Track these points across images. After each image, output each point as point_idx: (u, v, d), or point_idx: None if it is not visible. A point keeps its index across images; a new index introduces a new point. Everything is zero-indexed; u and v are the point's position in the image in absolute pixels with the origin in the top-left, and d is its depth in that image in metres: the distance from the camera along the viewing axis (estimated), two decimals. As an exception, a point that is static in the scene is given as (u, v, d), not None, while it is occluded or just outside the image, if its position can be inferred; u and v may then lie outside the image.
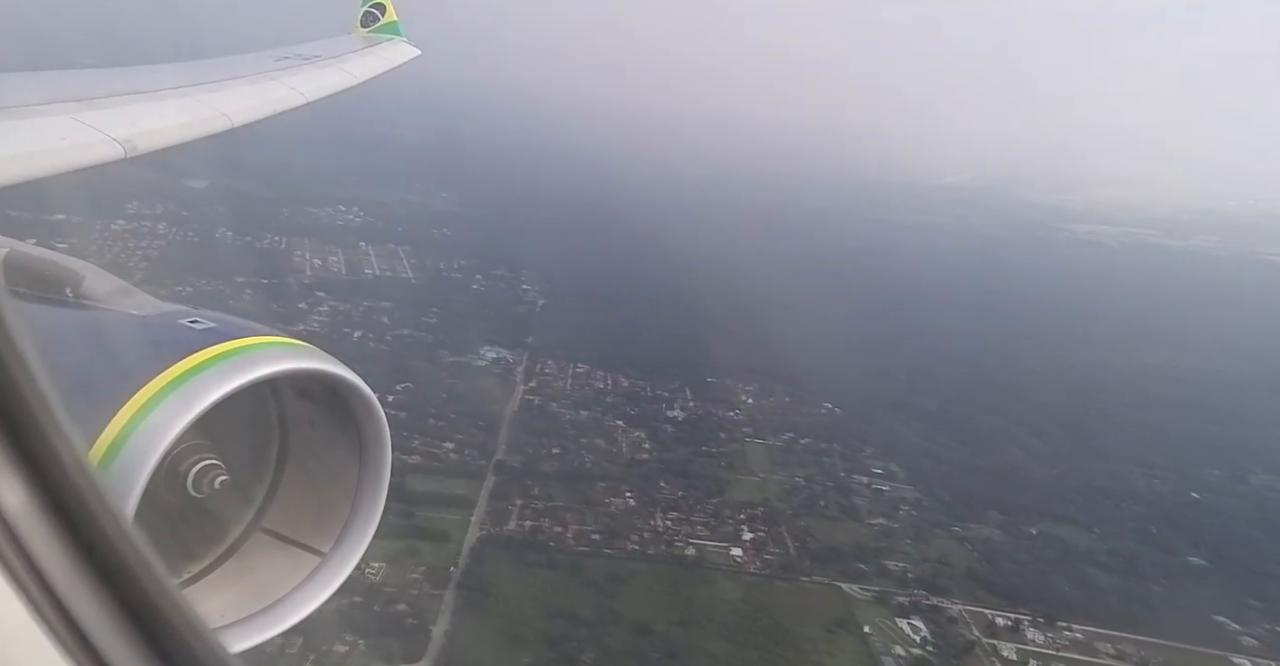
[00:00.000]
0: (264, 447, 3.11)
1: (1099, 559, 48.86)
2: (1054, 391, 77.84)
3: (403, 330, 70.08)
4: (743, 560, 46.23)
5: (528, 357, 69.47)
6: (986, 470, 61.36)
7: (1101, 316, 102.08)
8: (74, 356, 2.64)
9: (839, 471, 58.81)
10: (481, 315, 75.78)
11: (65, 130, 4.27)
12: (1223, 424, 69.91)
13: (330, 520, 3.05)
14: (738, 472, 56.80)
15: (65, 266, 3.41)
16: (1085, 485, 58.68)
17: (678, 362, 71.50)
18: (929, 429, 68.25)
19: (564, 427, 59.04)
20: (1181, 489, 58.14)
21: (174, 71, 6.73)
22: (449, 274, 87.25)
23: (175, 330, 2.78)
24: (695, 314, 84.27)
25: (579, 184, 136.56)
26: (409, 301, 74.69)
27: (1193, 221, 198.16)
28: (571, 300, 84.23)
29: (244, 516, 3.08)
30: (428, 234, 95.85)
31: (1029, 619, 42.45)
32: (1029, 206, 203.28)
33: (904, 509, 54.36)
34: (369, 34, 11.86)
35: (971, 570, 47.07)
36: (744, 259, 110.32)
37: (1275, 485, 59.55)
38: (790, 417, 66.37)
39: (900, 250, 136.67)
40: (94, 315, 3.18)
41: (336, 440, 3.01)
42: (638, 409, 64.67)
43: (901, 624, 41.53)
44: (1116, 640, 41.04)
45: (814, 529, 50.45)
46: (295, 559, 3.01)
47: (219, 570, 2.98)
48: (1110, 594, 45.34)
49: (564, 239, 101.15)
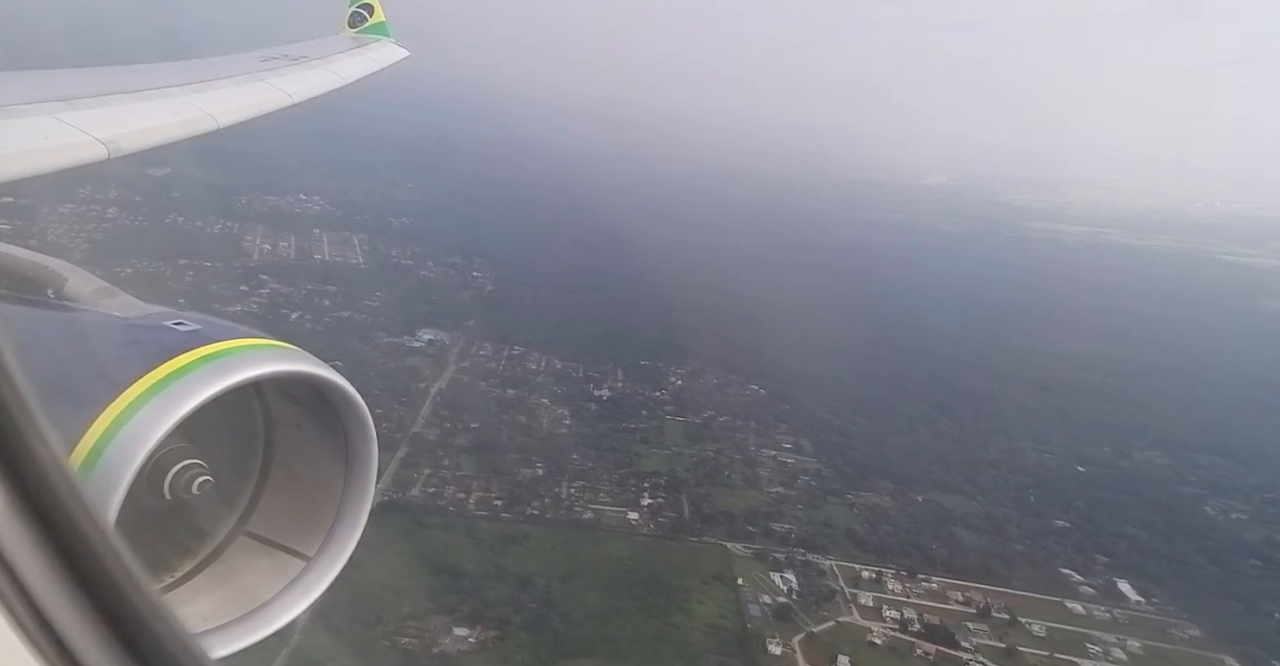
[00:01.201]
0: (249, 451, 3.10)
1: (972, 522, 53.17)
2: (974, 376, 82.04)
3: (343, 312, 72.66)
4: (637, 523, 49.88)
5: (464, 340, 72.24)
6: (892, 446, 65.37)
7: (1038, 308, 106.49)
8: (56, 358, 2.63)
9: (749, 446, 62.48)
10: (426, 300, 78.74)
11: (48, 130, 4.29)
12: (1124, 406, 74.48)
13: (315, 524, 3.05)
14: (651, 446, 60.28)
15: (47, 267, 3.40)
16: (980, 459, 62.93)
17: (616, 347, 74.97)
18: (847, 409, 72.06)
19: (488, 404, 62.21)
20: (1069, 463, 62.58)
21: (159, 71, 6.79)
22: (400, 261, 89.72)
23: (159, 332, 2.78)
24: (644, 303, 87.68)
25: (552, 179, 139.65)
26: (354, 286, 77.81)
27: (1157, 222, 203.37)
28: (521, 288, 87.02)
29: (228, 520, 3.06)
30: (386, 223, 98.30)
31: (893, 572, 46.64)
32: (1001, 206, 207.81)
33: (803, 479, 58.20)
34: (357, 34, 12.01)
35: (851, 531, 51.16)
36: (703, 252, 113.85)
37: (1157, 460, 64.16)
38: (714, 398, 69.86)
39: (860, 246, 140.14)
40: (76, 317, 3.16)
41: (322, 443, 3.01)
42: (565, 388, 67.84)
43: (774, 577, 45.43)
44: (967, 589, 45.44)
45: (712, 496, 54.23)
46: (279, 563, 3.00)
47: (202, 574, 2.97)
48: (974, 551, 49.71)
49: (526, 231, 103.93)
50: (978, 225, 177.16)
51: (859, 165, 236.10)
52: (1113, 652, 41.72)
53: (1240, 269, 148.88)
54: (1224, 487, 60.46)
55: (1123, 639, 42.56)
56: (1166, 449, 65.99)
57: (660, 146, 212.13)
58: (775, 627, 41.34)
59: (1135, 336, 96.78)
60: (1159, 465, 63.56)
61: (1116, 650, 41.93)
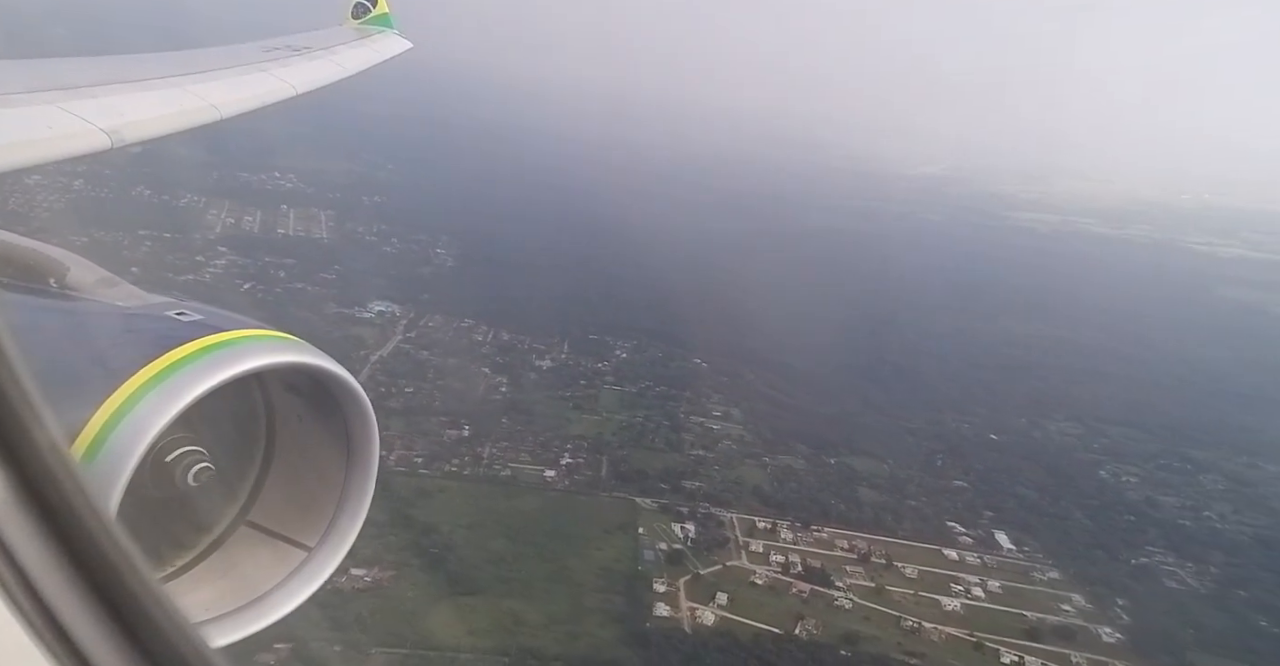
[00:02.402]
0: (250, 441, 3.12)
1: (876, 481, 56.97)
2: (916, 353, 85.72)
3: (297, 284, 75.17)
4: (553, 480, 53.09)
5: (415, 312, 74.75)
6: (819, 416, 68.91)
7: (992, 292, 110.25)
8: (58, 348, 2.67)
9: (680, 413, 65.74)
10: (384, 274, 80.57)
11: (51, 120, 4.33)
12: (1052, 382, 78.35)
13: (316, 514, 3.09)
14: (583, 412, 63.59)
15: (50, 256, 3.45)
16: (901, 428, 66.61)
17: (569, 323, 77.93)
18: (784, 383, 75.58)
19: (426, 371, 65.23)
20: (984, 432, 66.35)
21: (162, 61, 6.90)
22: (365, 237, 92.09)
23: (161, 322, 2.81)
24: (605, 282, 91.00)
25: (535, 164, 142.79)
26: (313, 259, 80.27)
27: (1137, 212, 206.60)
28: (483, 265, 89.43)
29: (229, 510, 3.09)
30: (357, 201, 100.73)
31: (788, 523, 50.41)
32: (985, 195, 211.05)
33: (725, 443, 61.73)
34: (360, 26, 12.24)
35: (758, 489, 54.81)
36: (672, 235, 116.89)
37: (1069, 430, 68.07)
38: (655, 370, 73.07)
39: (832, 231, 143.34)
40: (79, 306, 3.21)
41: (323, 434, 3.06)
42: (508, 358, 70.83)
43: (675, 527, 49.02)
44: (854, 538, 49.26)
45: (633, 457, 57.57)
46: (281, 553, 3.04)
47: (203, 564, 2.99)
48: (870, 506, 53.53)
49: (500, 212, 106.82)
50: (958, 213, 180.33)
51: (854, 155, 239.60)
52: (972, 591, 45.72)
53: (1207, 258, 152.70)
54: (1124, 454, 64.47)
55: (984, 580, 46.63)
56: (1081, 421, 69.85)
57: (651, 133, 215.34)
58: (665, 570, 44.96)
59: (1082, 319, 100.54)
60: (1069, 434, 67.44)
61: (977, 589, 45.94)
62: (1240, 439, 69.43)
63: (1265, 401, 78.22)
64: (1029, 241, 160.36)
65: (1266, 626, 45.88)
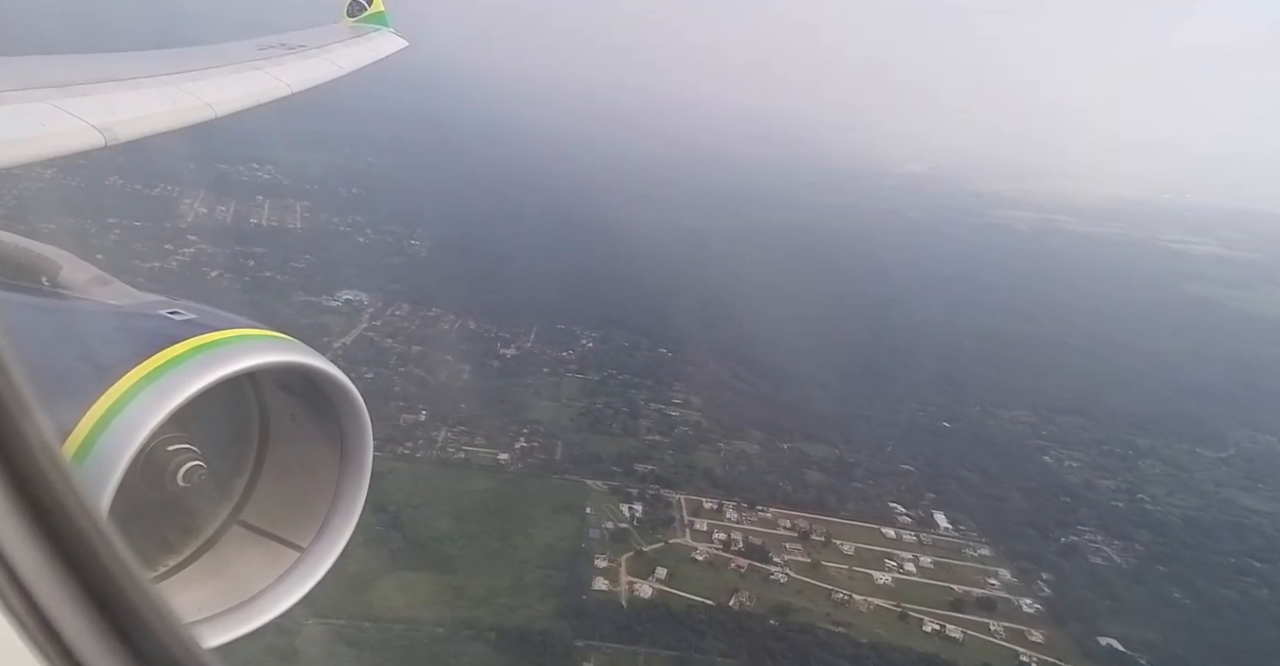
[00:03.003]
0: (243, 441, 3.15)
1: (825, 465, 58.83)
2: (878, 345, 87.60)
3: (266, 273, 76.21)
4: (506, 462, 54.44)
5: (383, 301, 75.81)
6: (778, 403, 70.62)
7: (963, 287, 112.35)
8: (50, 347, 2.67)
9: (640, 400, 67.16)
10: (355, 263, 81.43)
11: (44, 117, 4.35)
12: (1010, 373, 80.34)
13: (309, 514, 3.11)
14: (543, 399, 64.96)
15: (42, 254, 3.46)
16: (857, 415, 68.42)
17: (538, 313, 78.97)
18: (748, 372, 77.31)
19: (388, 358, 66.29)
20: (938, 419, 68.30)
21: (156, 59, 6.90)
22: (339, 227, 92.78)
23: (154, 321, 2.83)
24: (579, 275, 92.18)
25: (520, 159, 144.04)
26: (284, 249, 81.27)
27: (1116, 210, 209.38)
28: (457, 256, 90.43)
29: (222, 510, 3.11)
30: (335, 192, 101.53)
31: (734, 504, 52.18)
32: (967, 193, 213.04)
33: (682, 429, 63.26)
34: (356, 23, 12.24)
35: (709, 471, 56.49)
36: (649, 230, 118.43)
37: (1021, 418, 70.13)
38: (619, 359, 74.43)
39: (809, 227, 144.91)
40: (71, 305, 3.21)
41: (316, 434, 3.07)
42: (472, 346, 71.68)
43: (623, 508, 50.70)
44: (797, 518, 51.10)
45: (588, 442, 59.04)
46: (273, 553, 3.06)
47: (195, 564, 3.01)
48: (816, 488, 55.39)
49: (480, 205, 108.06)
50: (937, 211, 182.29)
51: (842, 154, 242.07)
52: (905, 567, 47.77)
53: (1179, 256, 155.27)
54: (1070, 441, 66.64)
55: (918, 557, 48.63)
56: (1034, 410, 71.89)
57: (636, 132, 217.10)
58: (609, 547, 46.60)
59: (1046, 313, 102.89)
60: (1020, 422, 69.48)
61: (909, 565, 47.98)
62: (1185, 428, 71.72)
63: (1214, 392, 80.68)
64: (1005, 238, 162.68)
65: (1179, 597, 48.31)
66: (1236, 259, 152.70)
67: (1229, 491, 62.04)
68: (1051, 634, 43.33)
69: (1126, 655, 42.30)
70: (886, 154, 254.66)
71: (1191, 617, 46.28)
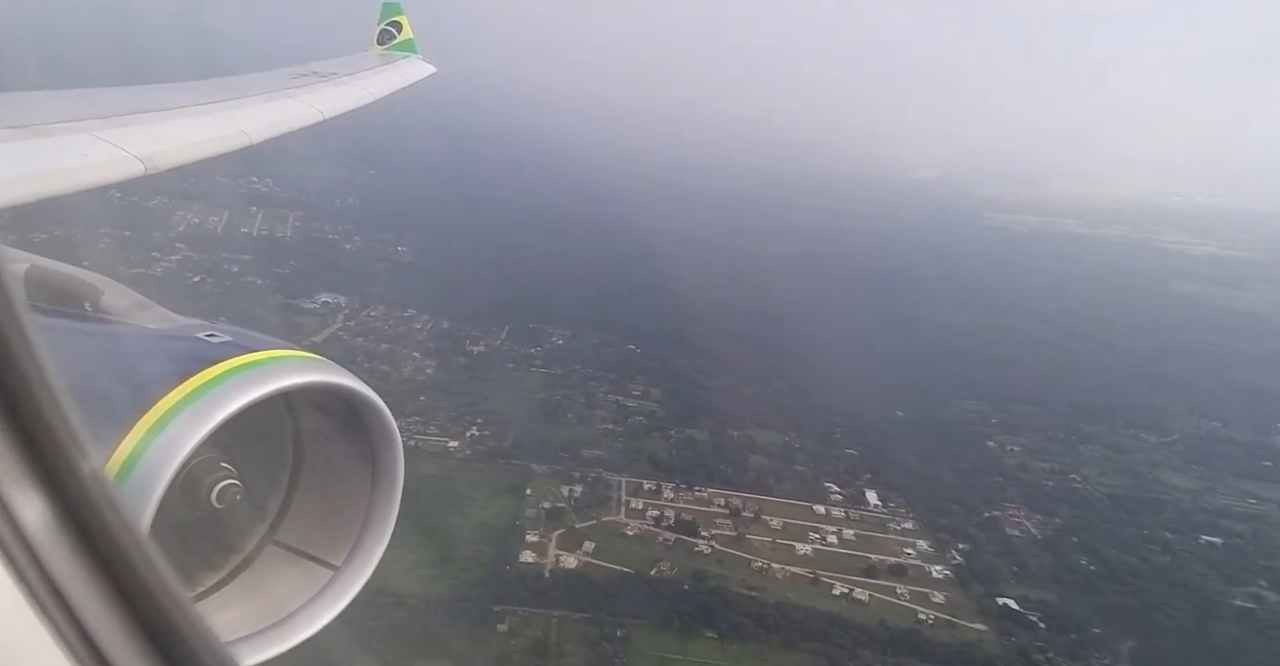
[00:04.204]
0: (278, 461, 3.25)
1: (770, 450, 60.98)
2: (847, 340, 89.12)
3: (248, 278, 79.27)
4: (455, 449, 56.72)
5: (360, 303, 78.68)
6: (737, 395, 72.45)
7: (943, 286, 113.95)
8: (92, 370, 2.76)
9: (599, 393, 69.58)
10: (338, 269, 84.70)
11: (87, 147, 4.54)
12: (973, 365, 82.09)
13: (343, 533, 3.21)
14: (503, 392, 67.28)
15: (85, 281, 3.59)
16: (812, 406, 70.37)
17: (513, 313, 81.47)
18: (714, 367, 79.26)
19: (355, 355, 68.69)
20: (891, 409, 70.23)
21: (194, 89, 7.27)
22: (328, 236, 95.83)
23: (192, 344, 2.94)
24: (563, 276, 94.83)
25: (524, 168, 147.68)
26: (270, 255, 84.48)
27: (1121, 213, 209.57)
28: (443, 261, 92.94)
29: (258, 529, 3.20)
30: (329, 203, 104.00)
31: (673, 486, 54.59)
32: (971, 198, 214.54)
33: (636, 418, 65.50)
34: (385, 51, 12.69)
35: (655, 457, 58.81)
36: (643, 234, 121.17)
37: (973, 407, 71.84)
38: (586, 354, 76.55)
39: (801, 232, 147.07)
40: (113, 329, 3.33)
41: (349, 454, 3.17)
42: (442, 344, 74.04)
43: (563, 489, 53.09)
44: (732, 497, 53.41)
45: (540, 431, 61.13)
46: (308, 572, 3.15)
47: (232, 584, 3.10)
48: (756, 470, 57.54)
49: (477, 214, 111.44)
50: (938, 215, 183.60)
51: (855, 159, 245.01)
52: (827, 539, 50.05)
53: (1175, 255, 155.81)
54: (1017, 428, 68.34)
55: (841, 530, 50.90)
56: (988, 400, 73.66)
57: (651, 141, 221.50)
58: (542, 525, 49.09)
59: (1025, 310, 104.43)
60: (971, 411, 71.26)
61: (832, 537, 50.26)
62: (1134, 415, 73.24)
63: (1172, 383, 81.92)
64: (1001, 241, 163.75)
65: (1084, 564, 50.47)
66: (1232, 258, 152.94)
67: (1161, 472, 63.76)
68: (953, 596, 45.75)
69: (1020, 612, 44.83)
70: (898, 160, 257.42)
71: (1090, 581, 48.57)
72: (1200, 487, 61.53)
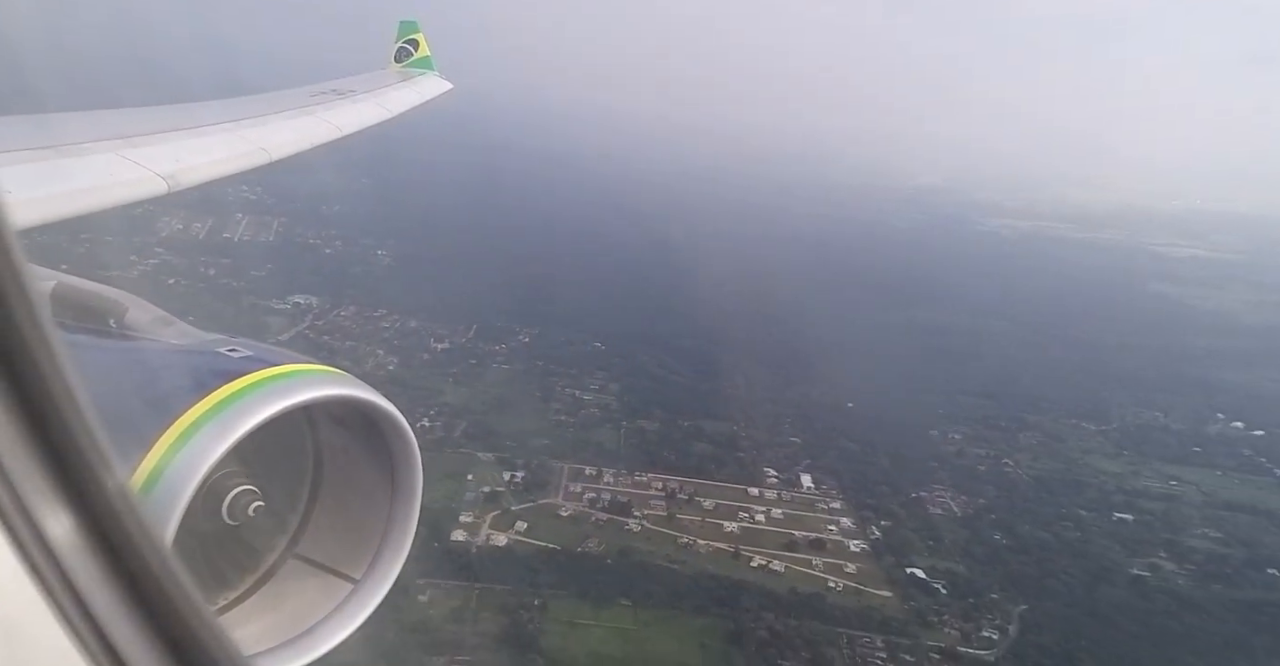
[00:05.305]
0: (299, 474, 3.31)
1: (716, 439, 63.09)
2: (813, 340, 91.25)
3: (224, 280, 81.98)
4: None
5: (331, 304, 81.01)
6: (695, 389, 74.57)
7: (918, 288, 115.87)
8: (117, 386, 2.81)
9: (557, 386, 71.46)
10: (315, 272, 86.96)
11: (112, 166, 4.68)
12: (935, 362, 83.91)
13: (362, 546, 3.25)
14: (460, 385, 69.17)
15: (109, 298, 3.67)
16: (766, 398, 72.44)
17: (484, 314, 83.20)
18: (678, 364, 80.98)
19: (318, 352, 71.28)
20: (842, 401, 72.30)
21: (215, 108, 7.53)
22: (310, 241, 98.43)
23: (214, 358, 3.00)
24: (541, 278, 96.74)
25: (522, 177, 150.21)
26: (249, 259, 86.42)
27: (1116, 217, 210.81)
28: (422, 265, 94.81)
29: (279, 543, 3.27)
30: (315, 210, 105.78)
31: (614, 471, 56.83)
32: (968, 204, 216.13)
33: (590, 410, 67.38)
34: (403, 69, 13.02)
35: (601, 445, 61.03)
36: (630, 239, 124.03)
37: (924, 399, 73.67)
38: (550, 351, 78.43)
39: (787, 236, 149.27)
40: (136, 345, 3.40)
41: (368, 467, 3.24)
42: (407, 342, 76.18)
43: (505, 474, 55.18)
44: (670, 481, 55.67)
45: (492, 422, 62.74)
46: (328, 585, 3.21)
47: (254, 597, 3.16)
48: (698, 457, 59.76)
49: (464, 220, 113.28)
50: (931, 221, 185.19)
51: (862, 167, 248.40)
52: (755, 518, 52.30)
53: (1160, 258, 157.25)
54: (962, 418, 70.53)
55: (770, 510, 53.23)
56: (940, 392, 75.58)
57: (655, 150, 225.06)
58: (479, 507, 51.20)
59: (995, 310, 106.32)
60: (921, 403, 73.10)
61: (760, 516, 52.52)
62: (1078, 406, 75.21)
63: (1123, 377, 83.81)
64: (990, 245, 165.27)
65: (997, 538, 52.86)
66: (1217, 261, 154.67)
67: (1092, 457, 65.86)
68: (866, 567, 48.11)
69: (925, 581, 47.37)
70: (903, 166, 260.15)
71: (999, 553, 50.96)
72: (1126, 471, 63.80)
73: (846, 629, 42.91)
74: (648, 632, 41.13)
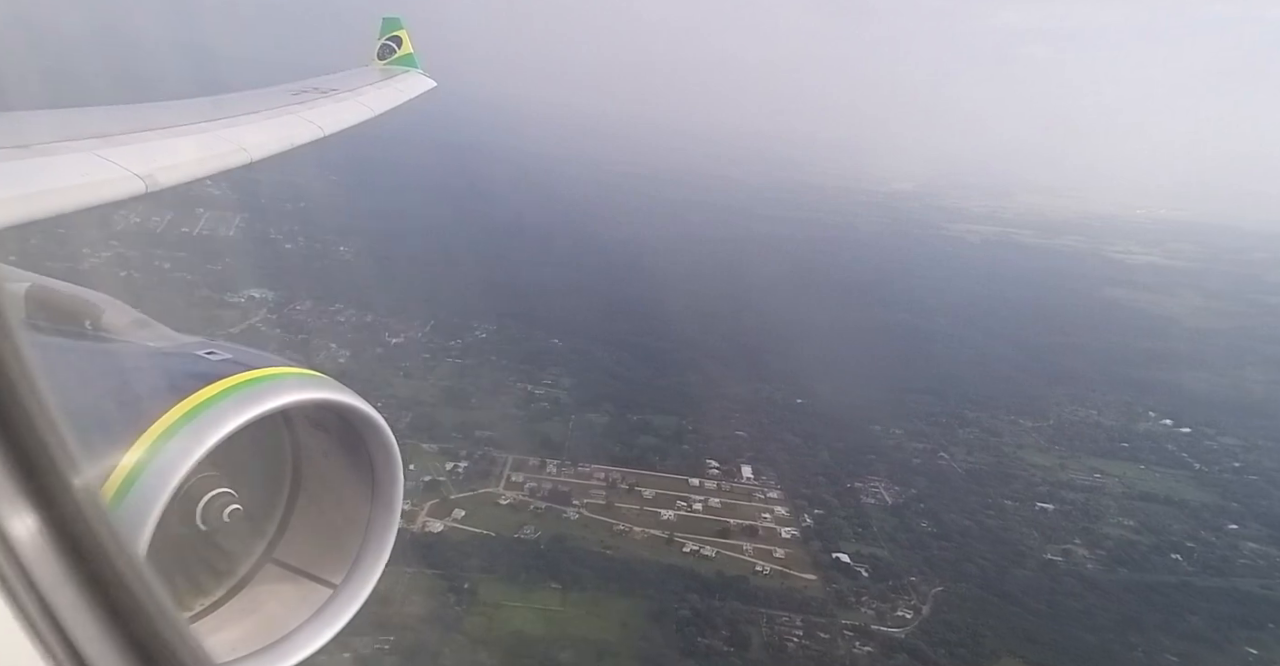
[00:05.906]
0: (277, 478, 3.26)
1: (662, 432, 64.45)
2: (769, 338, 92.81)
3: (178, 274, 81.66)
4: None
5: (287, 298, 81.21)
6: (649, 385, 75.55)
7: (875, 290, 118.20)
8: (92, 388, 2.77)
9: (509, 381, 72.15)
10: (273, 267, 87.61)
11: (87, 166, 4.57)
12: (883, 361, 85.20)
13: (341, 551, 3.21)
14: (411, 379, 69.31)
15: (86, 300, 3.65)
16: (716, 393, 73.82)
17: (442, 310, 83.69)
18: (634, 360, 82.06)
19: (267, 345, 71.73)
20: (792, 398, 73.84)
21: (194, 107, 7.41)
22: (272, 237, 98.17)
23: (191, 361, 2.95)
24: (502, 277, 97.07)
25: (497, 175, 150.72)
26: (205, 253, 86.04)
27: (1078, 224, 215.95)
28: (384, 261, 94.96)
29: (256, 548, 3.22)
30: (280, 207, 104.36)
31: (557, 462, 57.84)
32: (935, 209, 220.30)
33: (540, 404, 68.45)
34: (386, 66, 12.79)
35: (547, 437, 61.88)
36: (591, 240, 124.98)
37: (871, 396, 75.19)
38: (505, 347, 78.83)
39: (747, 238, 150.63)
40: (112, 347, 3.36)
41: (348, 471, 3.19)
42: (361, 336, 76.34)
43: (448, 465, 55.94)
44: (613, 472, 56.97)
45: (439, 414, 63.33)
46: (306, 591, 3.16)
47: (230, 602, 3.12)
48: (642, 449, 61.19)
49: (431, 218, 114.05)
50: (895, 225, 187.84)
51: (838, 172, 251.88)
52: (693, 506, 53.82)
53: (1114, 264, 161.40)
54: (904, 415, 72.54)
55: (708, 499, 54.75)
56: (888, 389, 77.29)
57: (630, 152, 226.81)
58: (418, 495, 51.49)
59: (948, 313, 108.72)
60: (867, 399, 74.69)
61: (698, 505, 54.04)
62: (1018, 403, 77.76)
63: (1064, 377, 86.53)
64: (951, 249, 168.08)
65: (923, 526, 54.87)
66: (1171, 267, 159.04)
67: (1024, 452, 68.40)
68: (794, 552, 49.81)
69: (849, 565, 49.26)
70: (877, 172, 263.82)
71: (922, 539, 52.98)
72: (1055, 464, 66.22)
73: (767, 609, 44.39)
74: (572, 613, 42.19)
